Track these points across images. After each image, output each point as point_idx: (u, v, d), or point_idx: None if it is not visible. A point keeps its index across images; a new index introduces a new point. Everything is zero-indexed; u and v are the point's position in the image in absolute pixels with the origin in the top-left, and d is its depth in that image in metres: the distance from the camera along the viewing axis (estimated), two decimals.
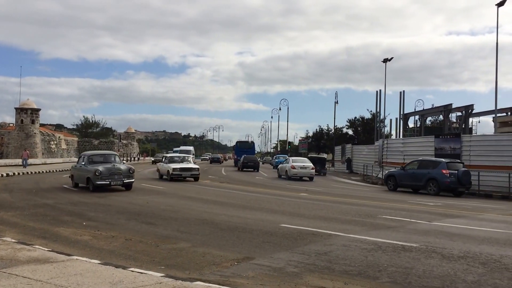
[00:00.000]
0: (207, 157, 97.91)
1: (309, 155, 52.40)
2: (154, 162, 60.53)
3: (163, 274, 6.12)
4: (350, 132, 77.36)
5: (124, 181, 19.32)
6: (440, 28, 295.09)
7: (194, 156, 63.93)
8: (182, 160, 29.39)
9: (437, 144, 28.83)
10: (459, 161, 24.94)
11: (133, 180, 20.05)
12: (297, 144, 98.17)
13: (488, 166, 25.05)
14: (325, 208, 14.96)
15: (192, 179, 27.40)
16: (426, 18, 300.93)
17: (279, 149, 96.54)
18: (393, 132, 54.44)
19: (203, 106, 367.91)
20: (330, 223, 11.49)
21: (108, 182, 18.94)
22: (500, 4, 29.50)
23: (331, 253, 7.93)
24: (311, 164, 34.44)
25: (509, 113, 39.10)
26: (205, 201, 16.34)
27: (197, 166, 28.83)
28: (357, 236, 9.64)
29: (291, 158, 39.00)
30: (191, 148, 63.99)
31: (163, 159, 30.49)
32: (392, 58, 44.27)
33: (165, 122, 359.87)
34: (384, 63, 43.77)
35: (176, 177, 26.96)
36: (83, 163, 20.25)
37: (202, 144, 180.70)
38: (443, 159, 24.45)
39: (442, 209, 15.91)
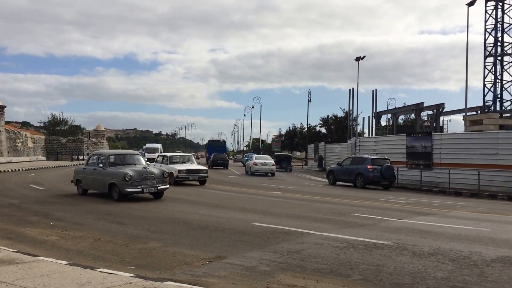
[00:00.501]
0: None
1: (275, 153, 55.28)
2: None
3: (133, 275, 5.98)
4: (323, 130, 77.98)
5: (158, 187, 15.65)
6: (413, 27, 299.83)
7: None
8: (185, 160, 24.89)
9: (408, 143, 29.21)
10: (386, 157, 27.26)
11: (168, 186, 16.40)
12: (270, 142, 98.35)
13: (458, 164, 25.54)
14: (298, 206, 14.97)
15: (198, 182, 23.84)
16: (399, 17, 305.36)
17: (251, 147, 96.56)
18: (366, 131, 55.14)
19: (175, 104, 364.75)
20: (303, 221, 11.48)
21: (141, 189, 15.15)
22: (470, 4, 30.02)
23: (304, 252, 7.90)
24: (272, 161, 37.06)
25: (479, 112, 39.90)
26: (176, 200, 16.14)
27: (205, 168, 24.86)
28: (330, 234, 9.64)
29: (254, 156, 42.02)
30: (159, 145, 60.13)
31: (159, 159, 25.33)
32: (365, 56, 44.66)
33: (136, 120, 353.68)
34: (357, 62, 44.12)
35: (182, 180, 23.15)
36: (101, 165, 16.26)
37: (174, 142, 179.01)
38: (369, 156, 27.20)
39: (413, 206, 16.11)
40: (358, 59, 43.79)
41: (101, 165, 16.38)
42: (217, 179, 30.21)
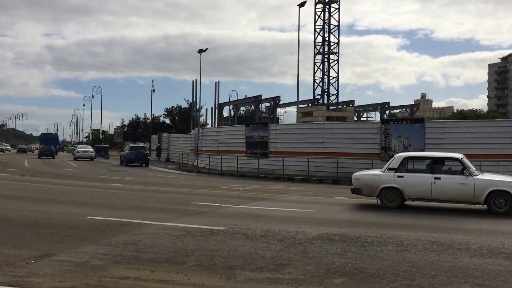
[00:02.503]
0: None
1: (96, 145, 64.65)
2: None
3: None
4: (168, 121, 77.54)
5: None
6: (254, 23, 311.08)
7: None
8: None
9: (247, 133, 30.50)
10: (142, 145, 44.75)
11: None
12: (112, 133, 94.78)
13: (291, 152, 27.45)
14: (137, 197, 14.73)
15: None
16: (242, 13, 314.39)
17: (92, 138, 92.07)
18: (209, 121, 56.21)
19: (3, 92, 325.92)
20: (141, 212, 11.35)
21: None
22: (301, 5, 32.38)
23: (140, 242, 7.82)
24: (91, 149, 50.58)
25: (309, 104, 43.19)
26: (1, 196, 14.70)
27: None
28: (168, 223, 9.69)
29: (78, 146, 58.90)
30: None
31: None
32: (207, 49, 45.26)
33: None
34: (200, 54, 44.59)
35: None
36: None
37: (3, 134, 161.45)
38: (130, 144, 46.60)
39: (250, 193, 16.94)
40: (200, 51, 44.26)
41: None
42: (52, 172, 28.29)
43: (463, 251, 7.37)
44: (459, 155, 12.92)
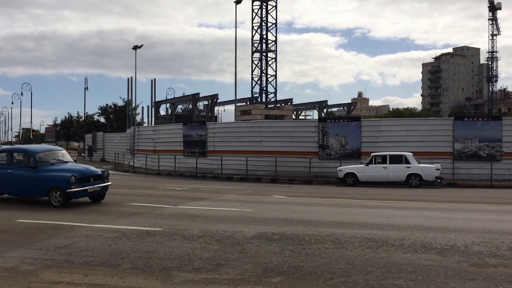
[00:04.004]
0: None
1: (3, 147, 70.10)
2: None
3: None
4: (102, 119, 75.56)
5: None
6: (192, 19, 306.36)
7: None
8: None
9: (185, 131, 30.23)
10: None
11: None
12: (43, 132, 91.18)
13: (229, 151, 27.47)
14: None
15: None
16: (179, 8, 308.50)
17: (22, 138, 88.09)
18: (146, 120, 55.19)
19: None
20: (75, 214, 10.97)
21: None
22: (237, 2, 32.51)
23: (73, 245, 7.56)
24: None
25: (248, 103, 43.34)
26: None
27: None
28: (102, 225, 9.43)
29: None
30: None
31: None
32: (142, 45, 44.57)
33: None
34: (135, 50, 43.77)
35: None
36: None
37: None
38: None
39: (188, 193, 16.79)
40: (135, 47, 43.56)
41: None
42: None
43: (398, 247, 7.64)
44: None
